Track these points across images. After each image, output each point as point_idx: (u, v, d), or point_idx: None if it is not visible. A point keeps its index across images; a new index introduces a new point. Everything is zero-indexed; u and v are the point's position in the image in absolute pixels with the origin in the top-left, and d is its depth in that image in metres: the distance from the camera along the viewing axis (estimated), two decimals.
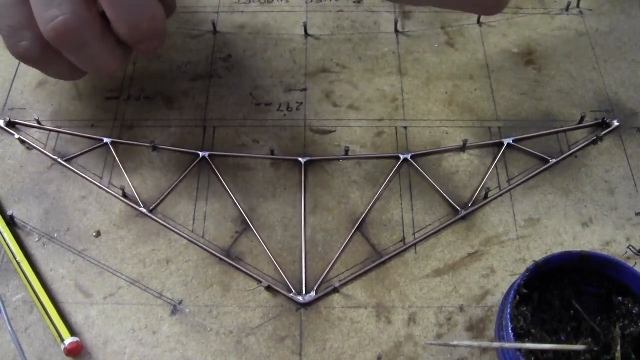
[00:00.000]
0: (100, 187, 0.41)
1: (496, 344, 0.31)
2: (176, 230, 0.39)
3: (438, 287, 0.37)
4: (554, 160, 0.41)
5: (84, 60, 0.37)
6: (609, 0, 0.49)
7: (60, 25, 0.34)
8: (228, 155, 0.42)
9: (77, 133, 0.43)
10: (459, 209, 0.39)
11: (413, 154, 0.42)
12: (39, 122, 0.43)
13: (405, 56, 0.47)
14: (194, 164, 0.42)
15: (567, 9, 0.49)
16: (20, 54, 0.36)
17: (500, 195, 0.40)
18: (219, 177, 0.41)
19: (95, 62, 0.37)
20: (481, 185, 0.40)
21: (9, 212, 0.39)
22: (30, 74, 0.46)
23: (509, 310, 0.30)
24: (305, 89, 0.45)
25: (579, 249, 0.32)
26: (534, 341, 0.31)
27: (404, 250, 0.38)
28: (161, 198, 0.40)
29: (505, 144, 0.42)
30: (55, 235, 0.39)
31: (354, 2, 0.50)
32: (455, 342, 0.30)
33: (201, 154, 0.42)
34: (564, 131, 0.43)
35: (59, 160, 0.42)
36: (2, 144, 0.43)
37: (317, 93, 0.45)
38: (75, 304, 0.37)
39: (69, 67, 0.38)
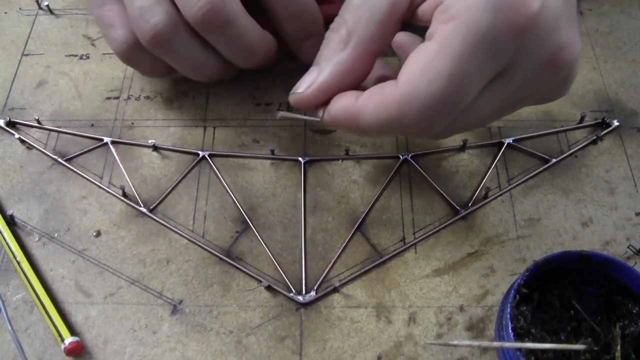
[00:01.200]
0: (100, 187, 0.41)
1: (496, 344, 0.31)
2: (176, 230, 0.39)
3: (438, 286, 0.37)
4: (554, 160, 0.41)
5: (230, 42, 0.37)
6: (609, 0, 0.49)
7: (208, 2, 0.34)
8: (228, 155, 0.42)
9: (77, 133, 0.43)
10: (459, 208, 0.39)
11: (413, 153, 0.42)
12: (39, 122, 0.43)
13: None
14: (194, 164, 0.42)
15: None
16: (149, 33, 0.36)
17: (500, 195, 0.40)
18: (219, 177, 0.41)
19: (242, 42, 0.37)
20: (481, 185, 0.40)
21: (9, 212, 0.39)
22: (30, 74, 0.46)
23: (509, 310, 0.30)
24: None
25: (579, 249, 0.32)
26: (534, 341, 0.31)
27: (404, 250, 0.38)
28: (161, 198, 0.40)
29: (505, 144, 0.42)
30: (55, 235, 0.39)
31: None
32: (455, 342, 0.30)
33: (201, 153, 0.42)
34: (564, 131, 0.43)
35: (59, 160, 0.42)
36: (2, 144, 0.43)
37: None
38: (75, 303, 0.37)
39: (199, 51, 0.38)
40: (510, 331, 0.29)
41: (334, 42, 0.32)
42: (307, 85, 0.33)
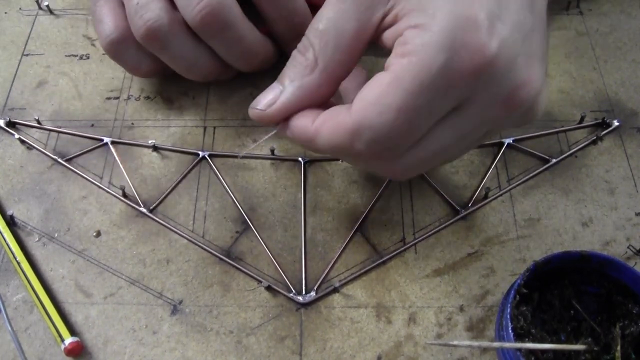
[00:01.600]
0: (100, 187, 0.41)
1: (496, 344, 0.31)
2: (176, 230, 0.39)
3: (438, 287, 0.37)
4: (554, 160, 0.41)
5: (229, 44, 0.38)
6: (609, 0, 0.49)
7: (207, 5, 0.35)
8: (228, 155, 0.42)
9: (77, 133, 0.43)
10: (458, 208, 0.39)
11: None
12: (39, 122, 0.43)
13: None
14: (194, 164, 0.42)
15: (567, 8, 0.49)
16: (141, 28, 0.37)
17: (500, 195, 0.40)
18: (219, 177, 0.41)
19: (241, 46, 0.38)
20: (481, 185, 0.40)
21: (9, 212, 0.39)
22: (30, 74, 0.46)
23: (509, 310, 0.30)
24: None
25: (579, 249, 0.32)
26: (534, 341, 0.31)
27: (404, 250, 0.38)
28: (161, 198, 0.40)
29: (505, 144, 0.42)
30: (55, 235, 0.39)
31: None
32: (455, 342, 0.30)
33: (201, 153, 0.42)
34: (564, 131, 0.43)
35: (59, 160, 0.42)
36: (2, 144, 0.43)
37: None
38: (75, 303, 0.37)
39: (194, 50, 0.39)
40: (510, 331, 0.29)
41: (300, 64, 0.32)
42: (268, 103, 0.33)
